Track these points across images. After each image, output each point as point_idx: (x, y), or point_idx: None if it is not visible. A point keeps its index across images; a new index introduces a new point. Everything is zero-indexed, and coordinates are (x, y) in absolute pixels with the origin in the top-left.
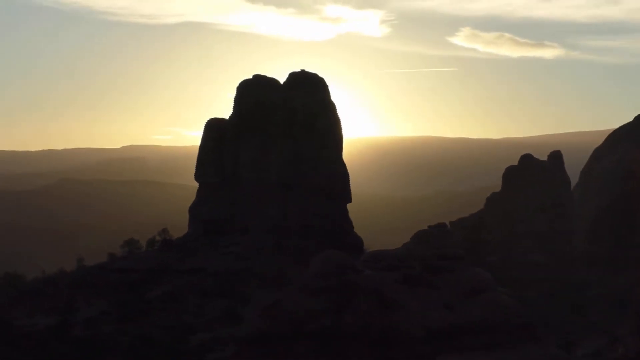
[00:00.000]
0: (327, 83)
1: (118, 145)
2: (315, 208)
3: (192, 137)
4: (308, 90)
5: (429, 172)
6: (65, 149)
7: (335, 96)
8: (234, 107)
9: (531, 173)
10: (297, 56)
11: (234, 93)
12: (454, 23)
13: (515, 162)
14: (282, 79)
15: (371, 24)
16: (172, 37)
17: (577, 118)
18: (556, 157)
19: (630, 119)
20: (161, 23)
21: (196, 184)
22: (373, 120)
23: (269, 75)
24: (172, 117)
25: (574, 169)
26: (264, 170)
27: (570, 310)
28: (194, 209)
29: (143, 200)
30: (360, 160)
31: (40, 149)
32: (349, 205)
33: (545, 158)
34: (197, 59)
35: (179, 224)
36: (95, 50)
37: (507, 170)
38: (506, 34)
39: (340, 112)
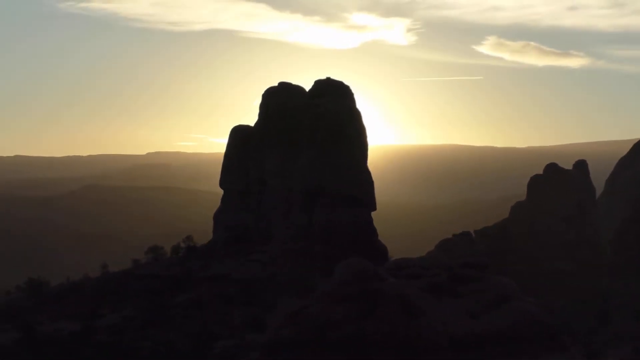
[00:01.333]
0: (353, 91)
1: (143, 152)
2: (340, 215)
3: (217, 144)
4: (334, 98)
5: (454, 181)
6: (90, 155)
7: (360, 104)
8: (260, 114)
9: (556, 182)
10: (323, 64)
11: (259, 100)
12: (480, 32)
13: (541, 171)
14: (307, 86)
15: (397, 32)
16: (199, 45)
17: (602, 127)
18: (581, 166)
19: None
20: (188, 30)
21: (221, 191)
22: (398, 128)
23: (294, 82)
24: (197, 124)
25: (599, 178)
26: (289, 177)
27: (595, 319)
28: (218, 216)
29: (167, 207)
30: (385, 168)
31: (65, 154)
32: (373, 214)
33: (570, 167)
34: (223, 66)
35: (204, 231)
36: (121, 57)
37: (532, 179)
38: (532, 43)
39: (366, 120)
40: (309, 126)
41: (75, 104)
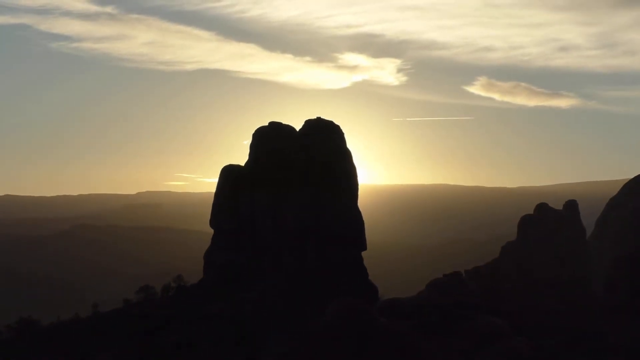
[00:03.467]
0: (343, 130)
1: (133, 191)
2: (331, 255)
3: (207, 184)
4: (324, 138)
5: (444, 220)
6: (80, 195)
7: (351, 144)
8: (250, 154)
9: (547, 222)
10: (314, 103)
11: (249, 140)
12: (470, 72)
13: (531, 211)
14: (298, 126)
15: (387, 72)
16: (190, 84)
17: (592, 167)
18: (572, 206)
19: None
20: (179, 70)
21: (211, 230)
22: (389, 167)
23: (285, 122)
24: (187, 163)
25: (589, 218)
26: (279, 217)
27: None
28: (209, 255)
29: (158, 246)
30: (376, 207)
31: (55, 194)
32: (364, 253)
33: (560, 207)
34: (213, 106)
35: (194, 271)
36: (112, 97)
37: (523, 219)
38: (522, 84)
39: (356, 159)
40: (299, 166)
41: (66, 143)
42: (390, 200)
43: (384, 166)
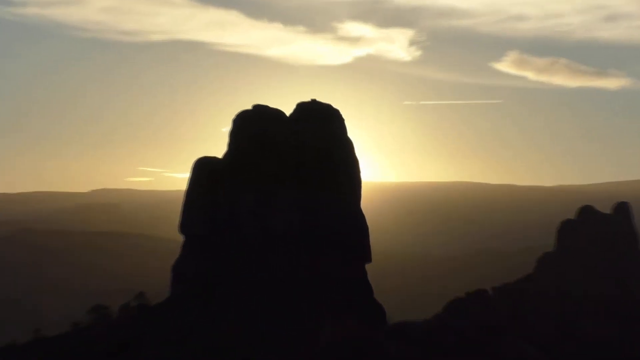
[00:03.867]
0: (344, 116)
1: (86, 189)
2: (329, 267)
3: (176, 180)
4: (320, 124)
5: (465, 226)
6: (21, 193)
7: (352, 132)
8: (230, 144)
9: (592, 228)
10: (307, 83)
11: (229, 127)
12: (498, 46)
13: (572, 215)
14: (288, 110)
15: (398, 45)
16: (157, 59)
17: None
18: (622, 209)
19: None
20: (144, 41)
21: (181, 237)
22: (399, 161)
23: (272, 105)
24: (152, 155)
25: None
26: (265, 220)
27: None
28: (178, 267)
29: (115, 256)
30: (381, 209)
31: None
32: (369, 266)
33: (609, 210)
34: (185, 85)
35: (160, 285)
36: (61, 73)
37: (563, 224)
38: (562, 60)
39: (359, 152)
40: (290, 158)
41: (4, 131)
42: (399, 201)
43: (392, 160)
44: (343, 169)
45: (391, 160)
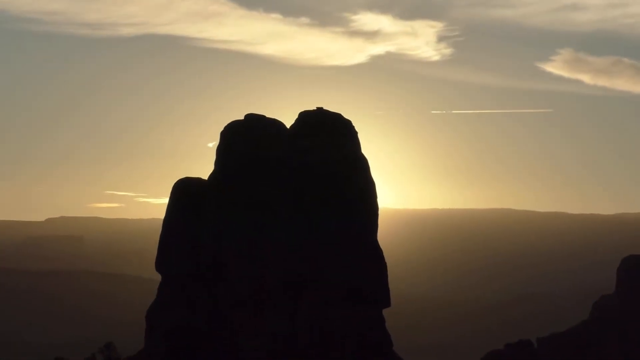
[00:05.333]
0: (357, 129)
1: (41, 218)
2: (337, 316)
3: (152, 206)
4: (327, 139)
5: (505, 264)
6: None
7: (367, 149)
8: (217, 162)
9: None
10: (312, 88)
11: (216, 141)
12: (548, 42)
13: (637, 250)
14: (288, 121)
15: (423, 41)
16: (126, 57)
17: None
18: None
19: None
20: (110, 36)
21: (157, 277)
22: (423, 185)
23: (269, 115)
24: (122, 177)
25: None
26: (260, 258)
27: None
28: (153, 315)
29: (77, 300)
30: (402, 243)
31: None
32: (386, 312)
33: None
34: (163, 90)
35: (131, 337)
36: (6, 74)
37: (625, 261)
38: (625, 60)
39: (375, 173)
40: (290, 182)
41: None
42: (424, 233)
43: (415, 183)
44: (356, 195)
45: (414, 183)
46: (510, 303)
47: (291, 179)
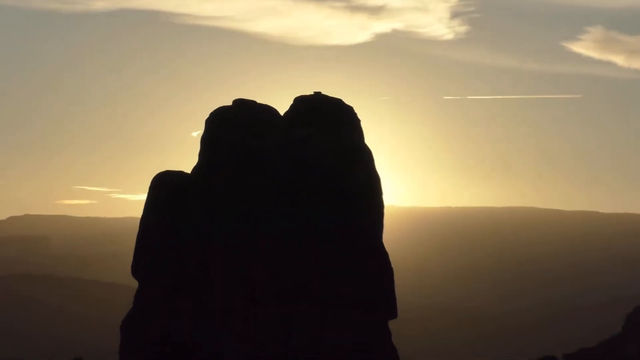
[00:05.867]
0: (360, 117)
1: (3, 216)
2: (337, 328)
3: (128, 203)
4: (327, 128)
5: (528, 270)
6: None
7: (371, 139)
8: (202, 154)
9: None
10: (310, 70)
11: (201, 130)
12: (576, 19)
13: None
14: (283, 107)
15: (435, 18)
16: (99, 35)
17: None
18: None
19: None
20: (82, 11)
21: (134, 283)
22: (434, 179)
23: (261, 100)
24: (94, 169)
25: None
26: (251, 261)
27: None
28: (130, 326)
29: (42, 309)
30: (411, 245)
31: None
32: (392, 323)
33: None
34: (141, 72)
35: (104, 349)
36: None
37: None
38: None
39: (380, 166)
40: (284, 176)
41: None
42: (434, 233)
43: (425, 177)
44: (358, 191)
45: (425, 178)
46: (533, 314)
47: (285, 172)
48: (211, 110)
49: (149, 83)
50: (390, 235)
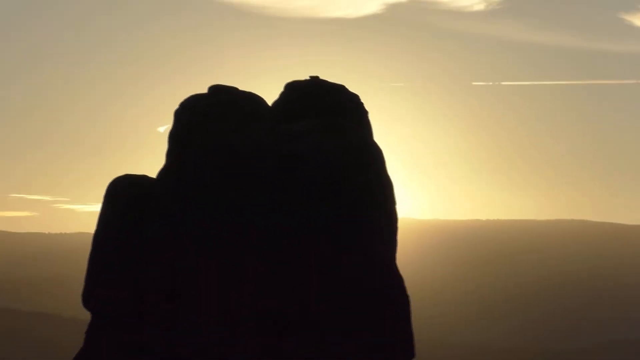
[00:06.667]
0: (367, 107)
1: None
2: None
3: (77, 216)
4: (325, 121)
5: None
6: None
7: (381, 135)
8: (170, 154)
9: None
10: (306, 48)
11: (169, 124)
12: None
13: None
14: (272, 95)
15: None
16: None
17: None
18: None
19: None
20: None
21: (84, 315)
22: (461, 185)
23: (244, 87)
24: (35, 174)
25: None
26: (231, 285)
27: None
28: None
29: None
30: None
31: None
32: None
33: None
34: (94, 52)
35: None
36: None
37: None
38: None
39: (392, 170)
40: (272, 181)
41: None
42: (463, 252)
43: (450, 183)
44: (365, 199)
45: (448, 184)
46: (593, 352)
47: (273, 176)
48: (181, 100)
49: (104, 66)
50: (406, 255)
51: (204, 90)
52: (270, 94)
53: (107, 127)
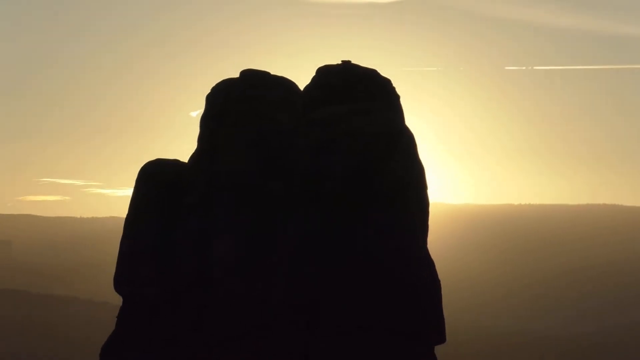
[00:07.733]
0: (399, 92)
1: None
2: (369, 353)
3: (108, 200)
4: (358, 106)
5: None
6: None
7: (413, 120)
8: (202, 138)
9: None
10: (335, 33)
11: (200, 110)
12: None
13: None
14: (303, 80)
15: None
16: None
17: None
18: None
19: None
20: None
21: (116, 300)
22: (493, 170)
23: (274, 71)
24: (66, 158)
25: None
26: (261, 275)
27: None
28: (111, 354)
29: (6, 331)
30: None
31: None
32: (439, 349)
33: None
34: (125, 39)
35: None
36: None
37: None
38: None
39: (425, 155)
40: (304, 165)
41: None
42: (495, 237)
43: (482, 168)
44: (397, 184)
45: (480, 169)
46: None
47: (305, 161)
48: (213, 85)
49: (135, 53)
50: (437, 240)
51: (236, 74)
52: (302, 78)
53: (139, 111)
